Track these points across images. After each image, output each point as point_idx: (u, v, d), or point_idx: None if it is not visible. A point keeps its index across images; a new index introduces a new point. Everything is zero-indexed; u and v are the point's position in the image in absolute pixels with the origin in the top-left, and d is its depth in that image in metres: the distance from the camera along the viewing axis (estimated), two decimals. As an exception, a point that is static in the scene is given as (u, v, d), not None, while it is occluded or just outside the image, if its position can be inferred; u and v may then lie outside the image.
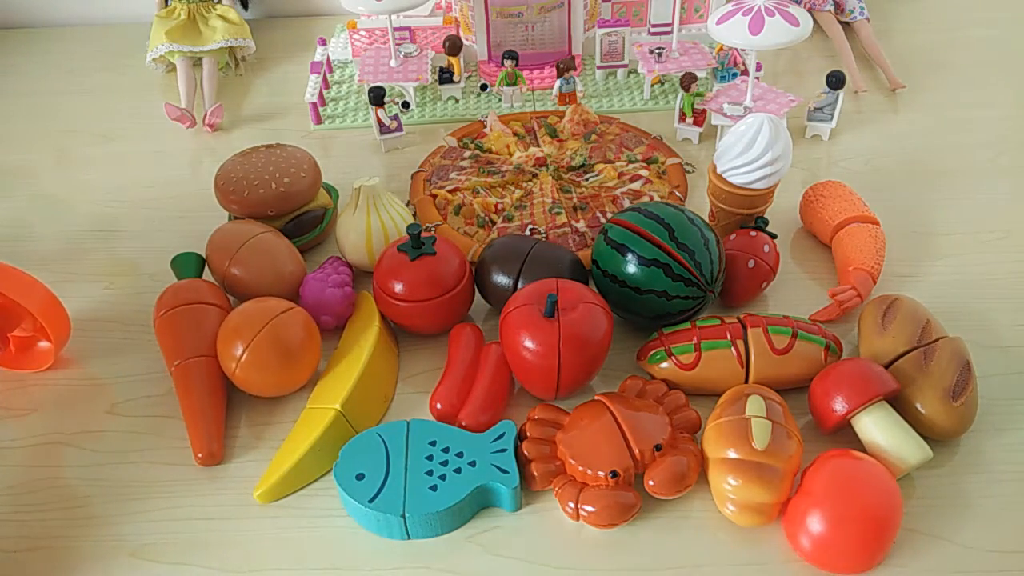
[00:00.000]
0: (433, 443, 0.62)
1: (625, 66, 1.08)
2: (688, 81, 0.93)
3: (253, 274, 0.73)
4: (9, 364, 0.74)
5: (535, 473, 0.61)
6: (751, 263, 0.73)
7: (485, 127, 0.97)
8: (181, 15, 1.11)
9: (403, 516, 0.58)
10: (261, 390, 0.68)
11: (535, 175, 0.90)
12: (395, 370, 0.72)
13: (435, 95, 1.07)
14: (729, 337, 0.66)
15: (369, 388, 0.68)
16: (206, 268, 0.77)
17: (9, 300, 0.69)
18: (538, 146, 0.94)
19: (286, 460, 0.63)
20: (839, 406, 0.61)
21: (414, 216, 0.86)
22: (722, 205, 0.78)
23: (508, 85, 1.02)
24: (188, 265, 0.77)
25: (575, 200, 0.86)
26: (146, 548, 0.60)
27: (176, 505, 0.63)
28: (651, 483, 0.59)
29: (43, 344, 0.74)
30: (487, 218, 0.85)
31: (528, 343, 0.63)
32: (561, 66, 0.99)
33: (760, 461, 0.58)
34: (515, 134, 0.96)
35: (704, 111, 0.94)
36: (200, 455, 0.64)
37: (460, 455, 0.61)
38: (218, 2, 1.14)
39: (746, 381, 0.66)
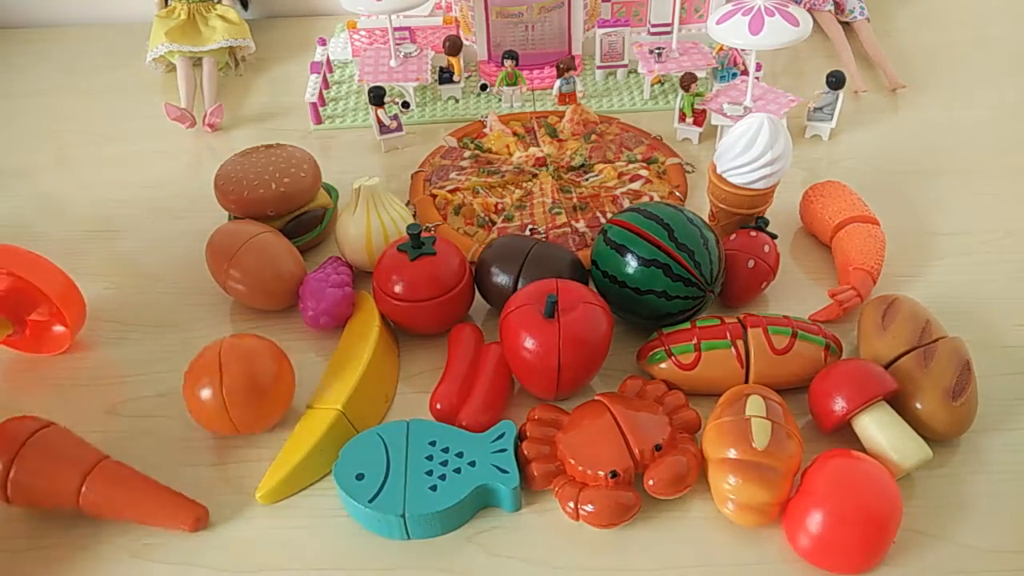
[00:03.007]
0: (433, 443, 0.62)
1: (625, 66, 1.08)
2: (688, 81, 0.93)
3: (253, 274, 0.73)
4: (26, 348, 0.74)
5: (535, 473, 0.61)
6: (751, 263, 0.73)
7: (485, 127, 0.97)
8: (181, 15, 1.11)
9: (403, 516, 0.58)
10: (234, 429, 0.65)
11: (535, 175, 0.90)
12: (396, 370, 0.72)
13: (435, 95, 1.07)
14: (729, 337, 0.66)
15: (370, 388, 0.68)
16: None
17: (27, 283, 0.69)
18: (538, 146, 0.94)
19: (288, 461, 0.63)
20: (839, 406, 0.61)
21: (414, 216, 0.86)
22: (722, 205, 0.78)
23: (508, 85, 1.02)
24: None
25: (575, 200, 0.86)
26: (147, 548, 0.60)
27: (176, 505, 0.63)
28: (651, 483, 0.59)
29: (58, 328, 0.74)
30: (487, 218, 0.85)
31: (528, 343, 0.63)
32: (561, 66, 0.99)
33: (760, 461, 0.58)
34: (515, 134, 0.96)
35: (704, 111, 0.94)
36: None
37: (460, 455, 0.61)
38: (218, 2, 1.14)
39: (746, 381, 0.66)
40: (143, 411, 0.70)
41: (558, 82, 1.00)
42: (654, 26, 1.08)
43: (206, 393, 0.62)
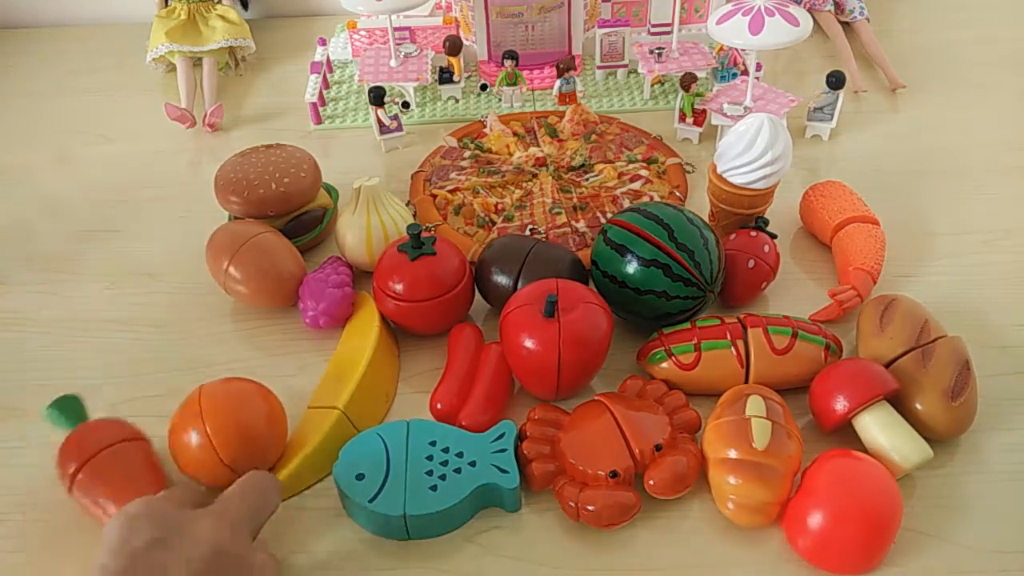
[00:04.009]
0: (433, 443, 0.62)
1: (625, 66, 1.08)
2: (688, 81, 0.93)
3: (253, 274, 0.73)
4: None
5: (535, 473, 0.61)
6: (751, 263, 0.73)
7: (485, 127, 0.97)
8: (181, 15, 1.11)
9: (403, 516, 0.58)
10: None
11: (535, 175, 0.90)
12: (396, 370, 0.72)
13: (435, 95, 1.07)
14: (729, 337, 0.66)
15: (371, 388, 0.68)
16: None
17: None
18: (538, 146, 0.94)
19: (290, 461, 0.63)
20: (839, 406, 0.61)
21: (414, 216, 0.86)
22: (722, 205, 0.78)
23: (508, 85, 1.02)
24: (70, 411, 0.64)
25: (575, 200, 0.86)
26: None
27: (176, 505, 0.63)
28: (651, 483, 0.59)
29: None
30: (487, 218, 0.85)
31: (528, 343, 0.63)
32: (561, 66, 0.99)
33: (760, 461, 0.58)
34: (515, 134, 0.96)
35: (704, 111, 0.94)
36: None
37: (460, 455, 0.61)
38: (218, 2, 1.14)
39: (746, 381, 0.66)
40: (142, 410, 0.69)
41: (558, 82, 1.00)
42: (654, 26, 1.08)
43: (194, 441, 0.59)
